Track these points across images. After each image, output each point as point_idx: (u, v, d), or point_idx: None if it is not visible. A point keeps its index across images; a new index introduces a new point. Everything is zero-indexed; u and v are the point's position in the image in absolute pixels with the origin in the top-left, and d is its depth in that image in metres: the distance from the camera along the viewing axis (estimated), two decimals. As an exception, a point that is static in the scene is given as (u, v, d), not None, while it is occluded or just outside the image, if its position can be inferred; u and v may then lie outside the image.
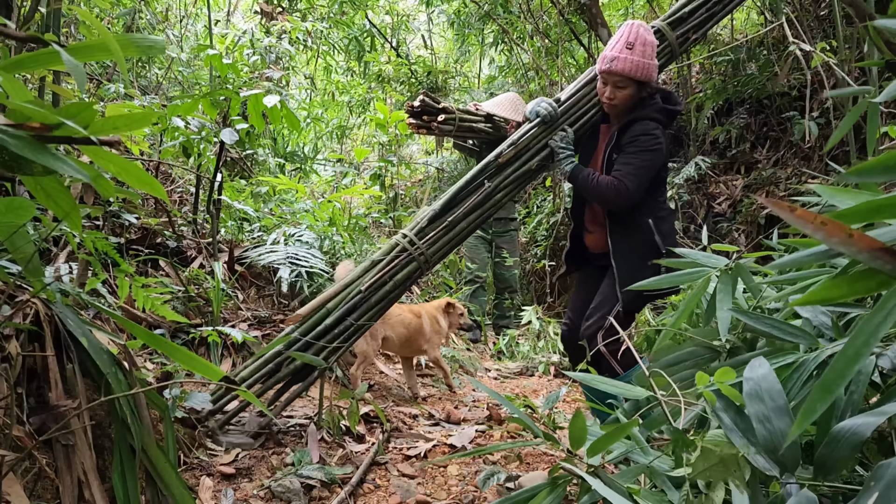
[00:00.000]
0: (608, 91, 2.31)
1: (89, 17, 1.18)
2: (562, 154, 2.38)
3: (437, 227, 2.38)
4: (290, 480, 1.87)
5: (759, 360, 1.03)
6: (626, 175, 2.24)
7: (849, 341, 0.71)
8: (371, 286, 2.30)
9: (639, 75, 2.25)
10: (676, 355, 1.39)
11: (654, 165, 2.28)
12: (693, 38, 2.61)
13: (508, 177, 2.44)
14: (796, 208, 0.70)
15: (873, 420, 0.87)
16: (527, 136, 2.45)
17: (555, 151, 2.40)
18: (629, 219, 2.33)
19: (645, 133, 2.27)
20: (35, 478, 1.44)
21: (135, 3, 5.25)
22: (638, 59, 2.24)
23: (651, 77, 2.28)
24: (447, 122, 4.51)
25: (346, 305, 2.28)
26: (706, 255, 1.54)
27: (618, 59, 2.25)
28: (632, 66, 2.23)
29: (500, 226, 5.15)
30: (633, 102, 2.32)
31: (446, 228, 2.39)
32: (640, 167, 2.25)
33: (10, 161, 0.94)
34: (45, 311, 1.57)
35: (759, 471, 0.93)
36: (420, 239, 2.36)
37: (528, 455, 2.38)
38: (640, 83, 2.28)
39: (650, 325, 3.61)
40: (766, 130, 5.62)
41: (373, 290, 2.31)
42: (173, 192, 4.05)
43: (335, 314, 2.27)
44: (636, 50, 2.24)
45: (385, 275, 2.31)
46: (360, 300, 2.28)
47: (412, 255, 2.34)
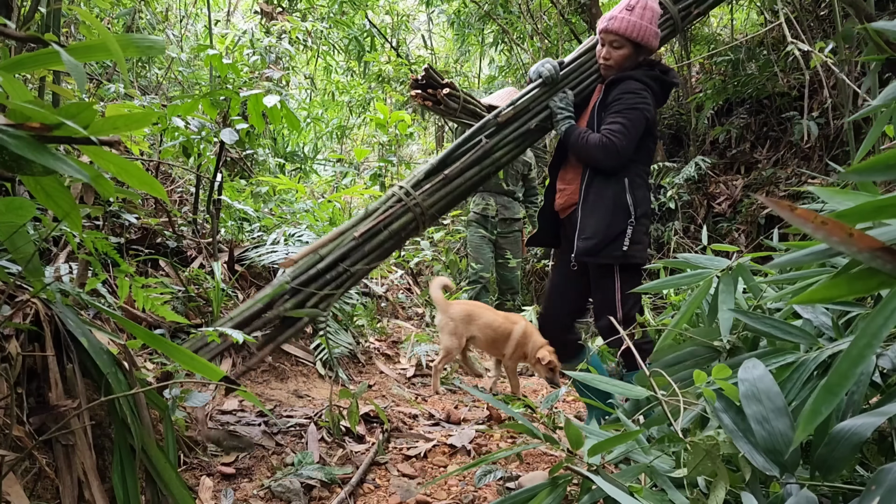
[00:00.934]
0: (605, 51, 2.32)
1: (89, 17, 1.18)
2: (560, 115, 2.37)
3: (434, 181, 2.36)
4: (290, 480, 1.87)
5: (753, 361, 1.04)
6: (614, 133, 2.23)
7: (852, 343, 0.71)
8: (365, 233, 2.27)
9: (635, 36, 2.24)
10: (677, 355, 1.39)
11: (641, 123, 2.26)
12: (696, 13, 2.61)
13: (507, 136, 2.43)
14: (796, 208, 0.70)
15: (873, 420, 0.87)
16: (527, 97, 2.44)
17: (553, 112, 2.39)
18: (608, 174, 2.32)
19: (629, 91, 2.26)
20: (35, 478, 1.44)
21: (135, 3, 5.25)
22: (636, 21, 2.24)
23: (648, 41, 2.27)
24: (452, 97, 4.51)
25: (339, 251, 2.24)
26: (708, 258, 1.54)
27: (615, 18, 2.26)
28: (629, 25, 2.23)
29: (505, 226, 5.14)
30: (628, 65, 2.31)
31: (442, 182, 2.36)
32: (628, 125, 2.23)
33: (10, 161, 0.94)
34: (45, 311, 1.57)
35: (759, 471, 0.93)
36: (416, 190, 2.33)
37: (528, 455, 2.38)
38: (638, 46, 2.28)
39: (650, 325, 3.61)
40: (766, 130, 5.62)
41: (367, 238, 2.28)
42: (173, 192, 4.05)
43: (327, 260, 2.23)
44: (635, 11, 2.25)
45: (380, 223, 2.28)
46: (354, 247, 2.25)
47: (407, 205, 2.31)
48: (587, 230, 2.30)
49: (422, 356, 3.86)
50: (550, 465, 2.29)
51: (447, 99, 4.53)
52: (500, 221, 5.15)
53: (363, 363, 3.55)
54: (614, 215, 2.27)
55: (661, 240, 5.76)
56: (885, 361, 1.04)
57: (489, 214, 5.08)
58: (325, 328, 3.39)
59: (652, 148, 2.43)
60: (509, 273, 5.18)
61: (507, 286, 5.24)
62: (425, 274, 6.35)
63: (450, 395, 3.38)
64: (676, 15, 2.58)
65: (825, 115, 4.91)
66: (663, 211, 5.72)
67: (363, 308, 3.97)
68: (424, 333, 4.46)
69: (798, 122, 5.05)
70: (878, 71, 2.63)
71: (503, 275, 5.21)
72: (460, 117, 4.83)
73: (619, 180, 2.29)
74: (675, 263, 1.61)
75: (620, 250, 2.26)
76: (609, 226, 2.27)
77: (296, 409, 2.52)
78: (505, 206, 5.11)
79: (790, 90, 5.36)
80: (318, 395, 2.81)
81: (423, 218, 2.35)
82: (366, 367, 3.53)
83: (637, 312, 2.31)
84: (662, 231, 5.73)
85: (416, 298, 5.43)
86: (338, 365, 3.24)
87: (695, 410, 1.15)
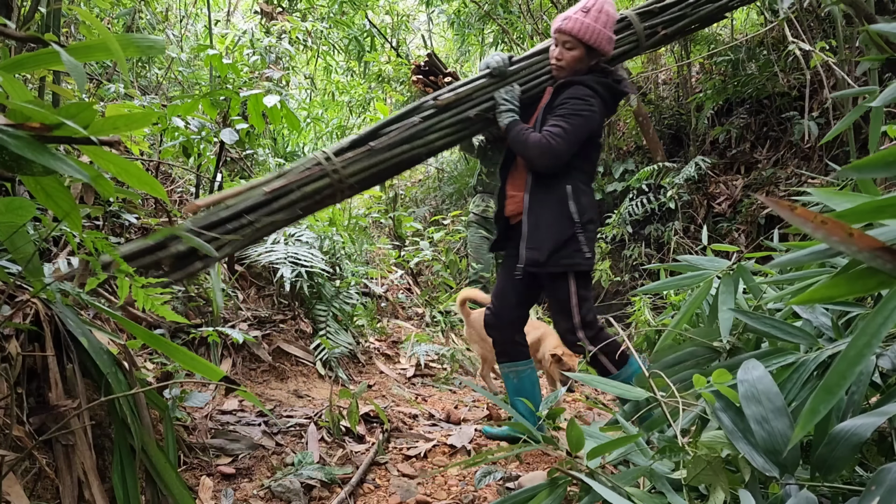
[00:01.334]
0: (557, 51, 2.29)
1: (89, 17, 1.18)
2: (503, 106, 2.33)
3: (358, 151, 2.29)
4: (290, 480, 1.87)
5: (752, 362, 1.04)
6: (554, 135, 2.19)
7: (851, 342, 0.71)
8: (276, 190, 2.21)
9: (588, 38, 2.22)
10: (677, 356, 1.39)
11: (583, 131, 2.23)
12: (663, 33, 2.57)
13: (444, 121, 2.37)
14: (797, 207, 0.70)
15: (873, 421, 0.87)
16: (471, 86, 2.40)
17: (497, 103, 2.35)
18: (551, 182, 2.30)
19: (577, 97, 2.23)
20: (35, 478, 1.44)
21: (135, 3, 5.25)
22: (590, 23, 2.21)
23: (602, 45, 2.25)
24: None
25: (245, 203, 2.17)
26: (708, 259, 1.55)
27: (570, 19, 2.23)
28: (582, 27, 2.21)
29: None
30: (580, 68, 2.29)
31: (367, 153, 2.30)
32: (569, 130, 2.20)
33: (10, 161, 0.94)
34: (45, 311, 1.57)
35: (758, 472, 0.93)
36: (337, 157, 2.27)
37: (528, 455, 2.38)
38: (590, 49, 2.25)
39: (650, 325, 3.61)
40: (766, 130, 5.62)
41: (277, 196, 2.21)
42: (173, 192, 4.05)
43: (233, 210, 2.16)
44: (591, 14, 2.22)
45: (293, 183, 2.22)
46: (263, 202, 2.18)
47: (325, 170, 2.24)
48: (532, 240, 2.29)
49: (422, 356, 3.86)
50: (550, 466, 2.29)
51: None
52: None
53: (363, 363, 3.55)
54: (559, 223, 2.25)
55: (661, 240, 5.76)
56: (884, 361, 1.04)
57: (489, 216, 5.04)
58: (326, 328, 3.39)
59: (595, 156, 2.42)
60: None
61: None
62: (425, 274, 6.35)
63: (450, 395, 3.38)
64: (641, 32, 2.54)
65: (825, 115, 4.91)
66: (663, 211, 5.72)
67: (363, 308, 3.97)
68: (424, 333, 4.47)
69: (798, 122, 5.05)
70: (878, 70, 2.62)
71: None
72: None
73: (561, 188, 2.28)
74: (676, 267, 1.61)
75: (572, 258, 2.25)
76: (554, 234, 2.25)
77: (296, 409, 2.52)
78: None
79: (790, 90, 5.36)
80: (318, 395, 2.81)
81: (341, 186, 2.27)
82: (366, 367, 3.53)
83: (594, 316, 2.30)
84: (662, 231, 5.73)
85: (416, 298, 5.43)
86: (338, 365, 3.24)
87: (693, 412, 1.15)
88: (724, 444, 0.99)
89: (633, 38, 2.55)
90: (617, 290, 5.96)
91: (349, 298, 3.70)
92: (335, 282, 3.73)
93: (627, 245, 5.94)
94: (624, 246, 5.97)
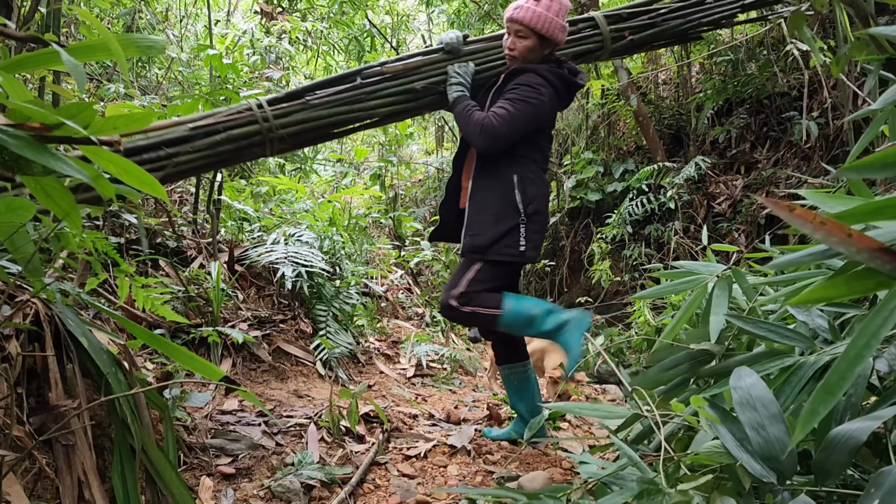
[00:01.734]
0: (510, 40, 2.26)
1: (89, 17, 1.18)
2: (453, 79, 2.29)
3: (293, 102, 2.23)
4: (290, 480, 1.87)
5: (744, 369, 1.04)
6: (498, 116, 2.16)
7: (850, 343, 0.71)
8: (200, 128, 2.12)
9: (540, 27, 2.20)
10: (673, 358, 1.40)
11: (529, 118, 2.19)
12: (630, 38, 2.54)
13: (389, 89, 2.31)
14: (796, 208, 0.70)
15: (869, 424, 0.87)
16: (422, 59, 2.35)
17: (449, 76, 2.30)
18: (496, 172, 2.27)
19: (527, 84, 2.20)
20: (35, 478, 1.44)
21: (135, 3, 5.25)
22: (542, 12, 2.20)
23: (554, 34, 2.22)
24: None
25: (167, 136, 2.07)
26: (704, 264, 1.55)
27: (521, 8, 2.21)
28: (534, 16, 2.19)
29: None
30: (533, 57, 2.26)
31: (301, 106, 2.22)
32: (514, 114, 2.16)
33: (10, 161, 0.94)
34: (45, 311, 1.57)
35: (752, 482, 0.93)
36: (270, 106, 2.20)
37: (528, 455, 2.38)
38: (543, 38, 2.23)
39: (650, 325, 3.61)
40: (766, 130, 5.62)
41: (201, 134, 2.12)
42: (173, 192, 4.05)
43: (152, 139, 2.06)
44: (542, 3, 2.20)
45: (220, 123, 2.13)
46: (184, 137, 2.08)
47: (255, 116, 2.16)
48: (474, 227, 2.25)
49: (422, 356, 3.86)
50: (550, 466, 2.29)
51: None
52: None
53: (363, 363, 3.55)
54: (502, 212, 2.21)
55: (661, 240, 5.76)
56: (881, 364, 1.04)
57: None
58: (326, 328, 3.39)
59: (545, 146, 2.37)
60: None
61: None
62: (425, 274, 6.35)
63: (450, 395, 3.39)
64: (607, 34, 2.51)
65: (825, 115, 4.91)
66: (663, 211, 5.72)
67: (363, 308, 3.97)
68: (424, 333, 4.47)
69: (798, 122, 5.05)
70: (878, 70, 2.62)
71: None
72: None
73: (507, 177, 2.24)
74: (673, 273, 1.62)
75: (513, 248, 2.21)
76: (496, 223, 2.21)
77: (296, 409, 2.52)
78: None
79: (790, 90, 5.36)
80: (318, 395, 2.81)
81: (271, 136, 2.18)
82: (366, 367, 3.54)
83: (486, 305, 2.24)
84: (662, 231, 5.74)
85: (416, 298, 5.43)
86: (338, 365, 3.25)
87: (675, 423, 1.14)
88: (720, 453, 0.98)
89: (598, 39, 2.52)
90: (617, 290, 5.96)
91: (349, 298, 3.71)
92: (335, 282, 3.73)
93: (627, 245, 5.94)
94: (624, 246, 5.97)
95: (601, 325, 5.34)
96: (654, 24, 2.58)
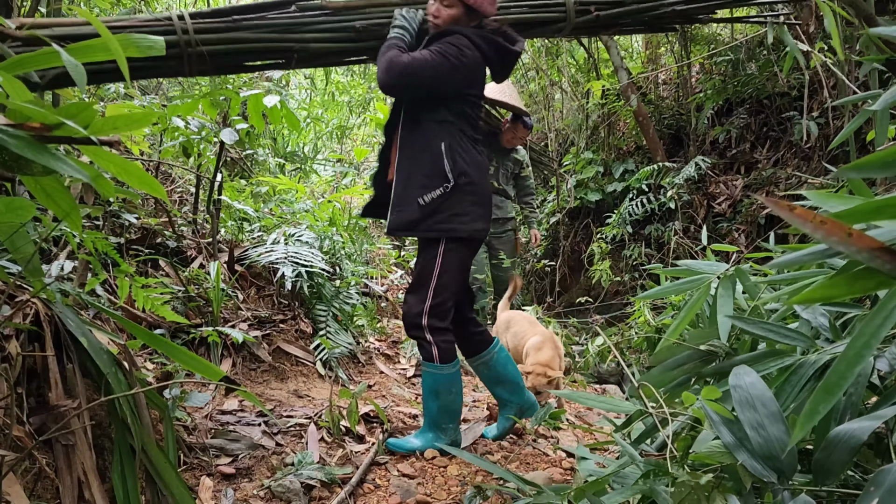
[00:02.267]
0: (434, 7, 2.16)
1: (89, 17, 1.18)
2: (397, 21, 2.17)
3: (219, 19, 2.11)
4: (290, 480, 1.87)
5: (744, 367, 1.04)
6: (410, 56, 2.05)
7: (850, 343, 0.71)
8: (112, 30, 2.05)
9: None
10: (676, 359, 1.40)
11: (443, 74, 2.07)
12: (595, 14, 2.40)
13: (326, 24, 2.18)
14: (796, 208, 0.70)
15: (870, 424, 0.87)
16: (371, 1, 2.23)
17: (394, 17, 2.19)
18: (422, 140, 2.16)
19: (452, 43, 2.09)
20: (35, 478, 1.44)
21: (135, 3, 5.25)
22: None
23: (482, 5, 2.13)
24: None
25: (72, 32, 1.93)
26: (707, 264, 1.55)
27: None
28: None
29: (496, 226, 4.98)
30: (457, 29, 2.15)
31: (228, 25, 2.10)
32: (430, 60, 2.05)
33: (10, 161, 0.94)
34: (45, 311, 1.57)
35: (752, 480, 0.93)
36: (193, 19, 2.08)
37: (528, 455, 2.38)
38: (469, 9, 2.13)
39: (650, 325, 3.61)
40: (766, 130, 5.62)
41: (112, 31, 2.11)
42: (173, 192, 4.05)
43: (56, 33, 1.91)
44: None
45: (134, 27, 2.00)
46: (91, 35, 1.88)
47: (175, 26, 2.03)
48: (402, 201, 2.14)
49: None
50: (550, 466, 2.29)
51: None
52: (492, 221, 4.99)
53: (363, 363, 3.55)
54: (430, 182, 2.10)
55: (661, 240, 5.76)
56: (882, 363, 1.04)
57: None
58: (326, 328, 3.39)
59: (473, 115, 2.26)
60: (503, 273, 5.02)
61: (502, 287, 5.05)
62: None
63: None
64: (571, 6, 2.36)
65: (825, 115, 4.91)
66: (663, 211, 5.72)
67: (363, 308, 3.97)
68: (424, 333, 4.46)
69: (798, 122, 5.05)
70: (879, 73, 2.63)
71: (497, 276, 5.06)
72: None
73: (435, 145, 2.13)
74: (674, 272, 1.61)
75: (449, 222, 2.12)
76: (423, 195, 2.11)
77: (296, 409, 2.52)
78: (497, 206, 4.91)
79: (790, 90, 5.36)
80: (318, 395, 2.81)
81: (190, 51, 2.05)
82: (366, 367, 3.53)
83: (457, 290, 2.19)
84: (662, 231, 5.74)
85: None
86: (338, 365, 3.24)
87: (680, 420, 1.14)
88: (722, 453, 0.98)
89: (560, 10, 2.37)
90: (617, 290, 5.96)
91: (349, 298, 3.71)
92: (335, 282, 3.73)
93: (627, 245, 5.94)
94: (624, 246, 5.97)
95: (601, 325, 5.34)
96: (622, 3, 2.43)
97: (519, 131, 4.68)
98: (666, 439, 1.07)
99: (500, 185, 4.92)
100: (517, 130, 4.67)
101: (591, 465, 1.29)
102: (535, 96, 7.70)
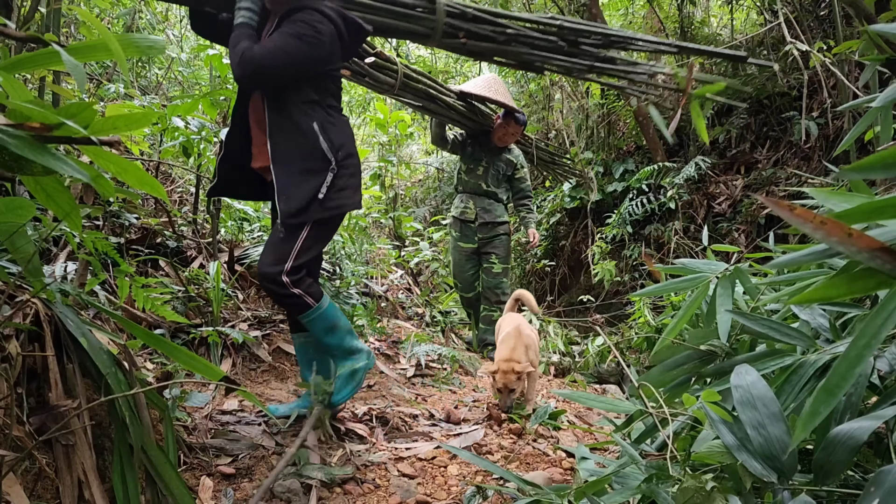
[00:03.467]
0: None
1: (89, 17, 1.18)
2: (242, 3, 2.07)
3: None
4: (290, 480, 1.87)
5: (745, 367, 1.04)
6: (262, 47, 1.96)
7: (851, 342, 0.71)
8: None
9: None
10: (675, 358, 1.40)
11: (301, 58, 2.01)
12: (462, 41, 2.37)
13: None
14: (796, 208, 0.70)
15: (870, 424, 0.87)
16: None
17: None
18: (292, 122, 2.09)
19: (304, 21, 2.00)
20: (35, 478, 1.44)
21: (135, 3, 5.26)
22: None
23: None
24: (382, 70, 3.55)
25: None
26: (706, 263, 1.55)
27: None
28: None
29: (487, 231, 4.69)
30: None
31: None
32: (284, 47, 1.97)
33: (10, 161, 0.94)
34: (45, 311, 1.57)
35: (752, 481, 0.93)
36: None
37: (528, 455, 2.38)
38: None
39: (650, 325, 3.61)
40: (766, 130, 5.63)
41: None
42: (173, 192, 4.05)
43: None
44: None
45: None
46: None
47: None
48: (287, 189, 2.08)
49: (421, 356, 3.86)
50: (550, 466, 2.29)
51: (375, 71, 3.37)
52: (481, 226, 4.64)
53: (363, 363, 3.55)
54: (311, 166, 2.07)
55: (661, 240, 5.76)
56: (882, 364, 1.04)
57: (469, 219, 4.67)
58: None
59: (335, 89, 2.21)
60: (494, 279, 4.65)
61: (490, 294, 4.66)
62: (425, 274, 6.35)
63: (450, 395, 3.39)
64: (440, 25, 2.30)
65: (825, 115, 4.91)
66: (663, 211, 5.73)
67: (363, 308, 3.97)
68: (424, 333, 4.46)
69: (798, 122, 5.05)
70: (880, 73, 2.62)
71: (487, 280, 4.68)
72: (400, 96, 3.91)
73: (307, 126, 2.08)
74: (674, 269, 1.61)
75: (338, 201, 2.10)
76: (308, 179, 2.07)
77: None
78: (486, 210, 4.65)
79: (790, 90, 5.36)
80: (317, 395, 2.81)
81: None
82: (366, 367, 3.53)
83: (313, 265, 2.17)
84: (662, 231, 5.74)
85: (416, 298, 5.43)
86: (338, 365, 3.24)
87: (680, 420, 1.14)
88: (722, 452, 0.99)
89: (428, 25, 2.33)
90: (617, 290, 5.96)
91: (349, 298, 3.71)
92: (335, 282, 3.73)
93: (627, 245, 5.94)
94: (624, 246, 5.97)
95: (601, 325, 5.33)
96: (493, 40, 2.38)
97: (511, 127, 4.46)
98: (666, 439, 1.07)
99: (490, 188, 4.67)
100: (509, 126, 4.46)
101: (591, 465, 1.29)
102: (535, 96, 7.70)
